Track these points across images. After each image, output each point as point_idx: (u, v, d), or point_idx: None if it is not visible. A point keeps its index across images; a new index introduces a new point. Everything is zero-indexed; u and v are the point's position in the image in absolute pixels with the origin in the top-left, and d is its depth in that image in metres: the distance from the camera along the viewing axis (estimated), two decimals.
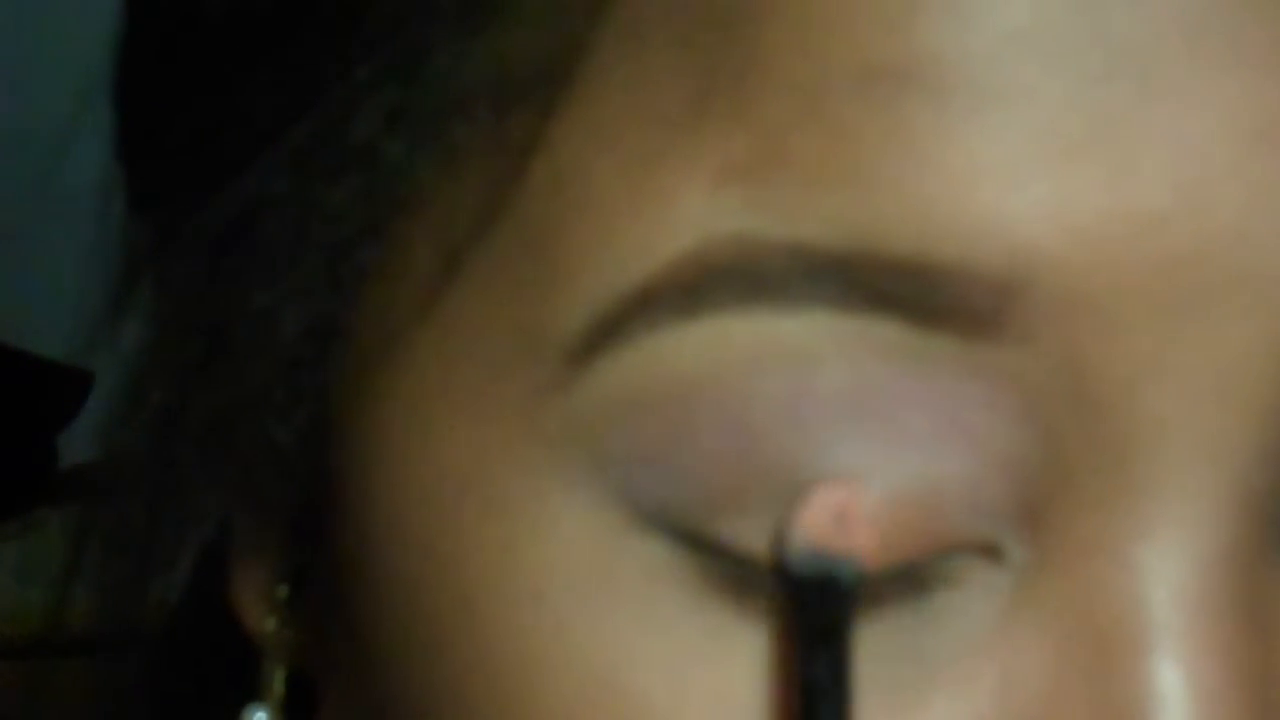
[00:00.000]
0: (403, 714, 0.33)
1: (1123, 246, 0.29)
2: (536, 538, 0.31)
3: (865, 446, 0.30)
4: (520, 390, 0.31)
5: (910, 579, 0.31)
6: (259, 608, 0.38)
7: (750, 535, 0.30)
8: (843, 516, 0.30)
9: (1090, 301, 0.29)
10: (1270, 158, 0.29)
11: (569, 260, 0.31)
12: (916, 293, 0.29)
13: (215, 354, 0.34)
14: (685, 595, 0.31)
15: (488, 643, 0.32)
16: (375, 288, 0.33)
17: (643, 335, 0.30)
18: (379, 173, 0.32)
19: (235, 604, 0.38)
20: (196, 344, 0.35)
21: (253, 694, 0.38)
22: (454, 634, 0.32)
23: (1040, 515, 0.30)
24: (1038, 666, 0.30)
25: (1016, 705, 0.30)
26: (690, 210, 0.29)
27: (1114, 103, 0.29)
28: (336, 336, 0.34)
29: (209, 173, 0.34)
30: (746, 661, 0.31)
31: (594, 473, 0.31)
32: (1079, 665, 0.30)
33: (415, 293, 0.32)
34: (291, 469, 0.35)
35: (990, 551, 0.31)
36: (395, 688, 0.34)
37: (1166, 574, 0.30)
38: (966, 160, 0.29)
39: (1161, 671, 0.30)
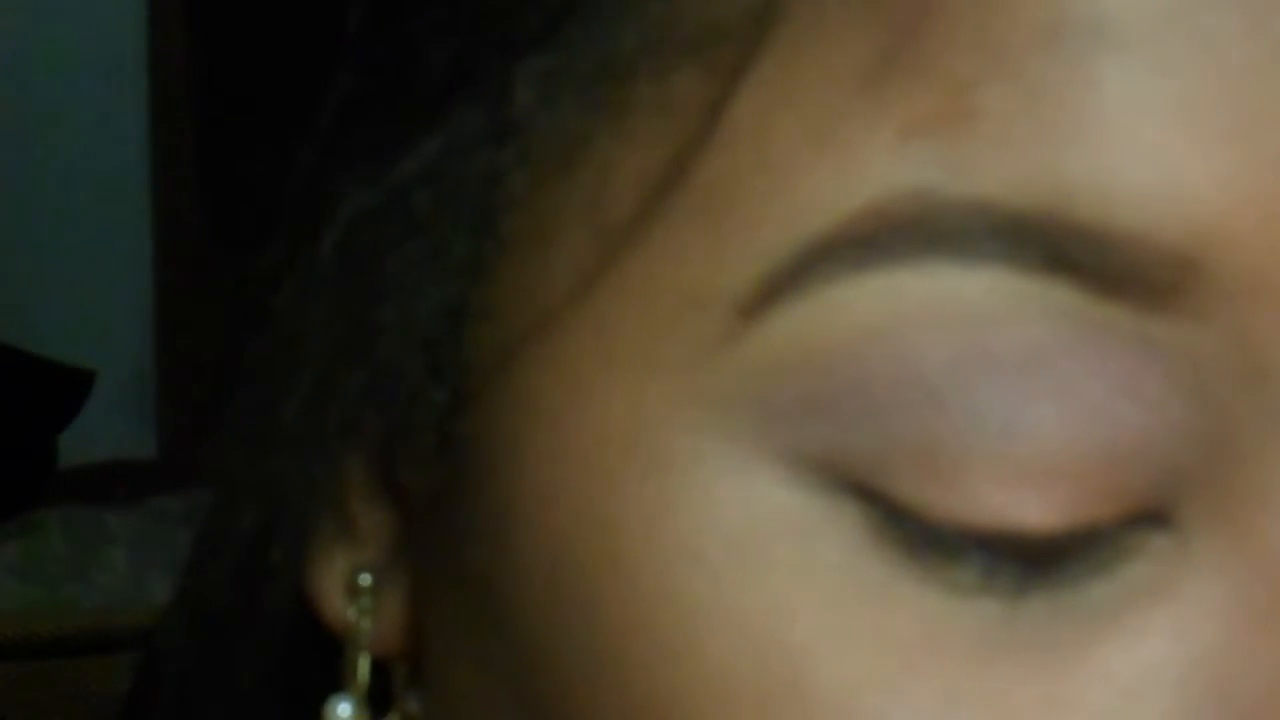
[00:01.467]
0: (548, 685, 0.33)
1: None
2: (694, 497, 0.31)
3: (1037, 409, 0.29)
4: (684, 348, 0.30)
5: (1078, 542, 0.30)
6: (340, 597, 0.38)
7: (917, 490, 0.29)
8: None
9: (1265, 282, 0.28)
10: None
11: (745, 215, 0.30)
12: (1096, 258, 0.28)
13: (357, 337, 0.35)
14: (845, 550, 0.30)
15: (643, 603, 0.31)
16: (521, 260, 0.32)
17: (819, 287, 0.29)
18: (532, 138, 0.31)
19: (313, 594, 0.38)
20: (339, 327, 0.35)
21: (335, 685, 0.38)
22: (609, 596, 0.31)
23: (1208, 477, 0.30)
24: (1213, 616, 0.29)
25: (1196, 650, 0.29)
26: (873, 164, 0.28)
27: None
28: (475, 313, 0.33)
29: (371, 148, 0.34)
30: (908, 615, 0.30)
31: (757, 428, 0.30)
32: (1256, 613, 0.29)
33: (571, 260, 0.32)
34: (423, 450, 0.35)
35: (1156, 515, 0.30)
36: (538, 657, 0.33)
37: None
38: (1155, 125, 0.28)
39: None
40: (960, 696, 0.29)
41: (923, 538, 0.29)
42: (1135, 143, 0.27)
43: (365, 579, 0.37)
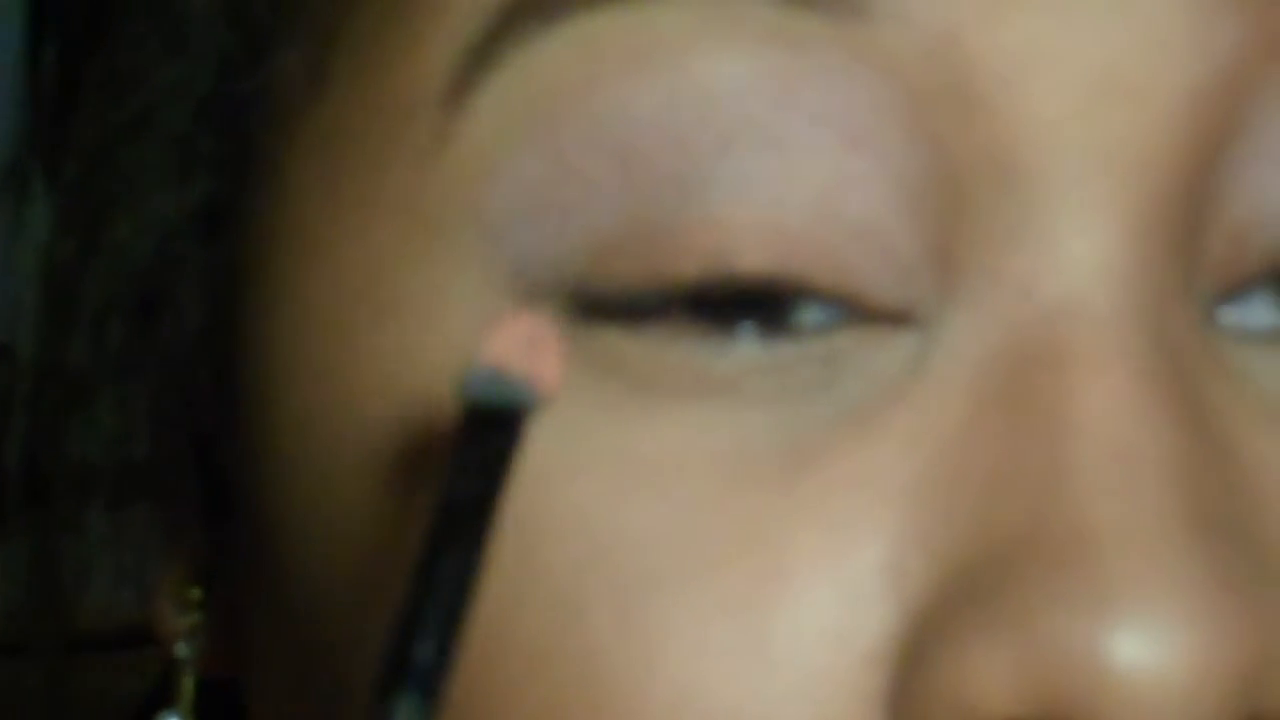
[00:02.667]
0: (313, 605, 0.32)
1: None
2: (426, 340, 0.30)
3: (752, 158, 0.29)
4: (399, 170, 0.30)
5: (819, 324, 0.29)
6: (172, 612, 0.37)
7: (632, 273, 0.29)
8: (533, 342, 0.28)
9: None
10: None
11: (431, 9, 0.30)
12: None
13: (99, 249, 0.33)
14: (576, 368, 0.29)
15: (384, 458, 0.31)
16: (258, 145, 0.32)
17: (512, 55, 0.29)
18: None
19: (154, 618, 0.37)
20: (78, 238, 0.34)
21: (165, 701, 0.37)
22: (355, 459, 0.31)
23: (943, 254, 0.29)
24: (952, 403, 0.29)
25: (934, 444, 0.29)
26: None
27: None
28: (229, 219, 0.32)
29: (86, 37, 0.33)
30: (646, 432, 0.29)
31: (480, 246, 0.30)
32: (993, 392, 0.29)
33: (289, 113, 0.31)
34: (194, 372, 0.34)
35: (900, 315, 0.30)
36: (309, 563, 0.32)
37: (1072, 294, 0.29)
38: None
39: (1079, 383, 0.29)
40: (696, 511, 0.28)
41: (632, 308, 0.29)
42: None
43: (196, 592, 0.36)
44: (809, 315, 0.29)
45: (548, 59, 0.29)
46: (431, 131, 0.29)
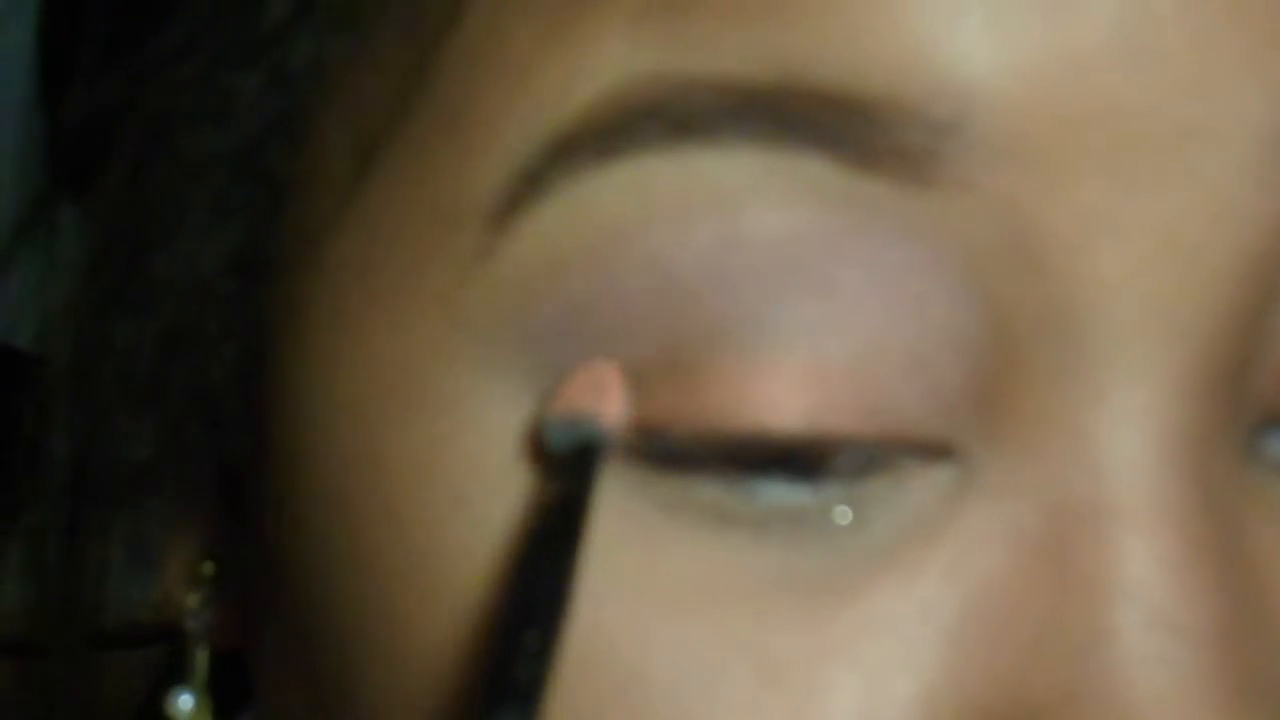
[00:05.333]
0: (331, 646, 0.32)
1: (1063, 88, 0.28)
2: (458, 438, 0.30)
3: (799, 306, 0.28)
4: (441, 274, 0.30)
5: (852, 469, 0.29)
6: (182, 586, 0.37)
7: (668, 404, 0.29)
8: (599, 386, 0.28)
9: (1029, 146, 0.28)
10: (1219, 4, 0.28)
11: (487, 122, 0.29)
12: (845, 128, 0.28)
13: (134, 286, 0.34)
14: (610, 487, 0.29)
15: (410, 548, 0.31)
16: (296, 202, 0.32)
17: (564, 184, 0.29)
18: (289, 64, 0.31)
19: (164, 589, 0.38)
20: (114, 274, 0.34)
21: (178, 676, 0.37)
22: (377, 543, 0.31)
23: (988, 394, 0.29)
24: (991, 548, 0.29)
25: (970, 589, 0.29)
26: (608, 52, 0.28)
27: None
28: (263, 265, 0.33)
29: (122, 71, 0.33)
30: (675, 557, 0.29)
31: (518, 356, 0.30)
32: (1034, 542, 0.29)
33: (333, 194, 0.31)
34: (221, 408, 0.34)
35: (938, 448, 0.29)
36: (322, 618, 0.32)
37: (1122, 446, 0.29)
38: None
39: (1121, 544, 0.29)
40: (724, 648, 0.28)
41: (666, 455, 0.29)
42: (874, 6, 0.27)
43: (208, 567, 0.36)
44: (843, 461, 0.29)
45: (599, 193, 0.29)
46: (477, 245, 0.29)
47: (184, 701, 0.37)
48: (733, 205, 0.28)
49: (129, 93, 0.33)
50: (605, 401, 0.28)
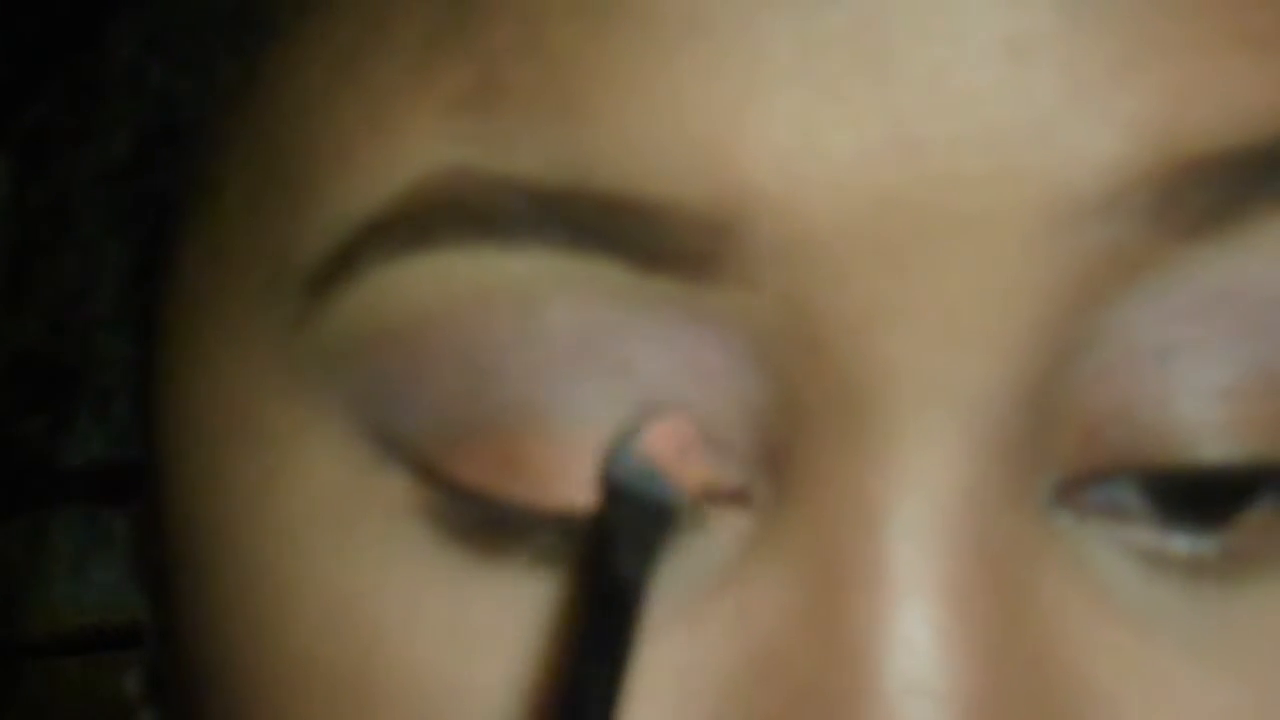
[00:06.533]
0: (179, 654, 0.33)
1: (835, 185, 0.28)
2: (291, 473, 0.31)
3: (596, 388, 0.29)
4: (274, 320, 0.31)
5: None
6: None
7: (480, 474, 0.29)
8: (686, 450, 0.29)
9: (808, 243, 0.28)
10: (989, 90, 0.28)
11: (311, 188, 0.30)
12: (632, 232, 0.28)
13: (25, 286, 0.35)
14: (423, 532, 0.30)
15: (242, 577, 0.31)
16: (166, 220, 0.33)
17: (376, 267, 0.29)
18: (144, 97, 0.32)
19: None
20: (9, 274, 0.35)
21: None
22: (216, 568, 0.32)
23: (780, 455, 0.29)
24: (772, 604, 0.29)
25: (749, 642, 0.29)
26: (419, 141, 0.29)
27: (827, 32, 0.28)
28: (147, 278, 0.33)
29: (21, 81, 0.34)
30: (483, 598, 0.30)
31: (343, 403, 0.30)
32: (810, 598, 0.29)
33: (187, 219, 0.32)
34: (125, 426, 0.35)
35: (738, 496, 0.30)
36: (173, 627, 0.33)
37: (901, 509, 0.29)
38: (676, 92, 0.28)
39: (890, 606, 0.29)
40: (517, 690, 0.29)
41: (491, 521, 0.29)
42: (656, 110, 0.27)
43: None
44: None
45: (407, 280, 0.29)
46: (297, 308, 0.30)
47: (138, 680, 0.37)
48: (530, 302, 0.29)
49: (24, 103, 0.33)
50: (688, 469, 0.29)
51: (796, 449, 0.29)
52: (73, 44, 0.33)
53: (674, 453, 0.29)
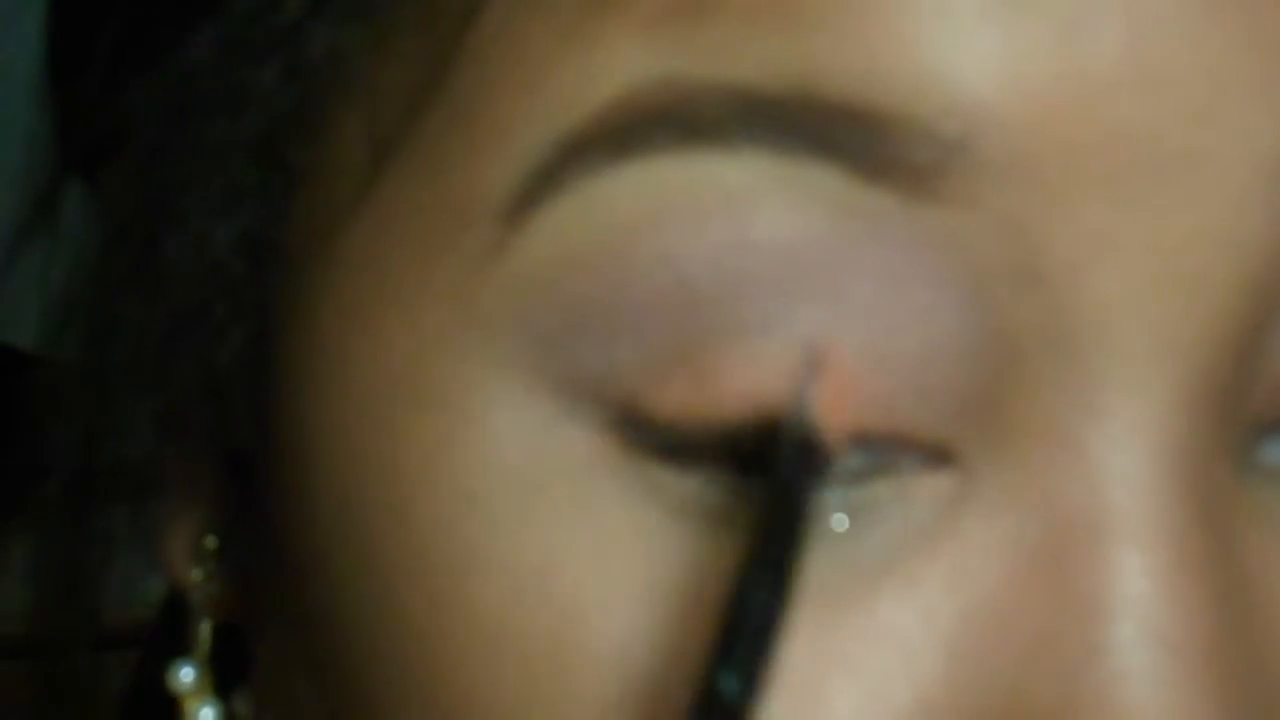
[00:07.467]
0: (335, 633, 0.33)
1: (1070, 111, 0.28)
2: (469, 434, 0.30)
3: (807, 312, 0.29)
4: (454, 268, 0.30)
5: (854, 472, 0.30)
6: (186, 559, 0.37)
7: (682, 401, 0.29)
8: (842, 390, 0.29)
9: (1035, 167, 0.28)
10: (1232, 30, 0.28)
11: (501, 119, 0.30)
12: (856, 140, 0.28)
13: (146, 268, 0.34)
14: (617, 489, 0.30)
15: (418, 547, 0.31)
16: (309, 191, 0.32)
17: (577, 183, 0.29)
18: (306, 55, 0.31)
19: (165, 558, 0.37)
20: (127, 257, 0.34)
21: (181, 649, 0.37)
22: (385, 540, 0.31)
23: (990, 405, 0.29)
24: (990, 559, 0.29)
25: (969, 599, 0.29)
26: (621, 54, 0.29)
27: None
28: (273, 250, 0.33)
29: (140, 59, 0.33)
30: (682, 567, 0.30)
31: (529, 351, 0.30)
32: (1032, 554, 0.29)
33: (347, 186, 0.32)
34: (228, 394, 0.34)
35: (939, 453, 0.30)
36: (328, 608, 0.33)
37: (1120, 461, 0.29)
38: (911, 6, 0.28)
39: (1118, 559, 0.29)
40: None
41: (690, 464, 0.29)
42: (889, 23, 0.27)
43: (211, 541, 0.36)
44: (845, 464, 0.29)
45: (611, 192, 0.29)
46: (488, 241, 0.29)
47: (185, 674, 0.37)
48: (743, 209, 0.28)
49: (145, 81, 0.33)
50: (841, 417, 0.28)
51: (1008, 398, 0.29)
52: (228, 2, 0.32)
53: (831, 395, 0.28)
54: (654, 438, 0.29)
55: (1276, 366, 0.30)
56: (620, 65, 0.28)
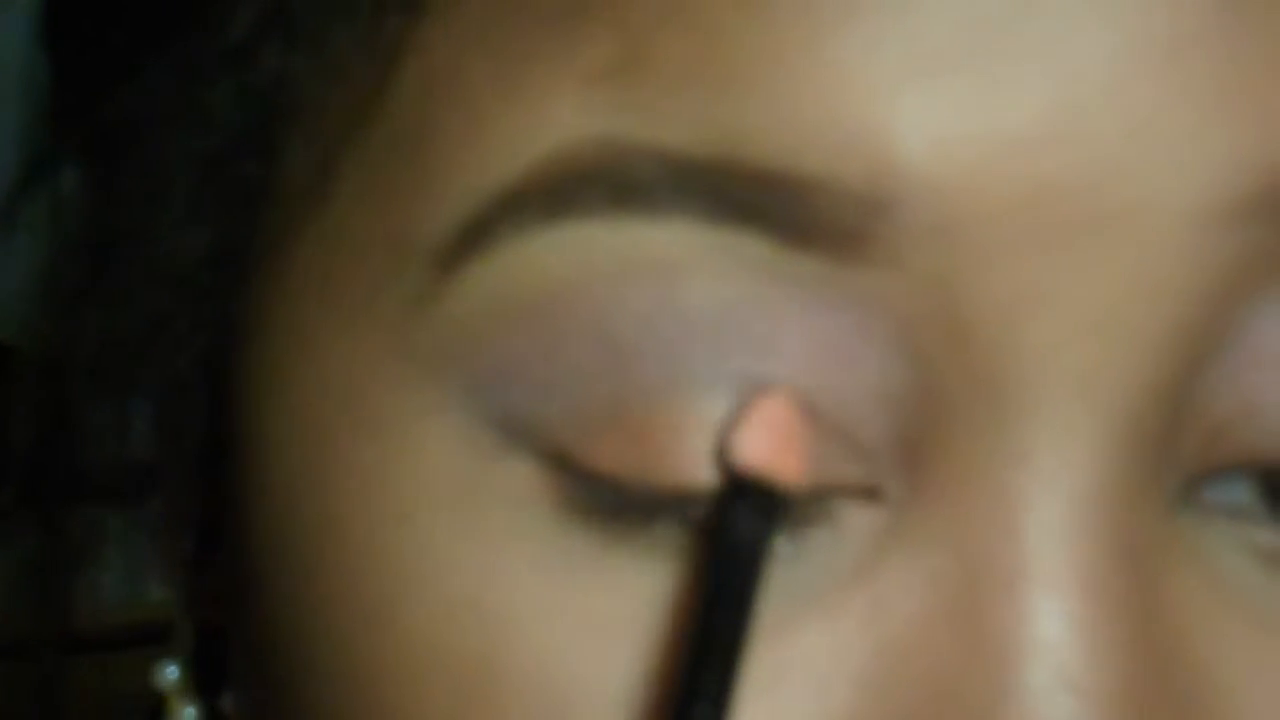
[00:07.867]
0: (276, 646, 0.33)
1: (995, 170, 0.28)
2: (406, 459, 0.30)
3: (735, 365, 0.29)
4: (394, 303, 0.30)
5: (792, 517, 0.30)
6: (173, 561, 0.38)
7: (611, 456, 0.29)
8: (790, 438, 0.29)
9: (961, 226, 0.28)
10: (1151, 83, 0.28)
11: (439, 162, 0.30)
12: (782, 206, 0.28)
13: (109, 276, 0.34)
14: (551, 519, 0.30)
15: (352, 565, 0.31)
16: (265, 208, 0.32)
17: (510, 239, 0.29)
18: (255, 76, 0.31)
19: (160, 559, 0.38)
20: (87, 264, 0.34)
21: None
22: (322, 558, 0.31)
23: (918, 450, 0.29)
24: (908, 597, 0.29)
25: (885, 635, 0.29)
26: (558, 111, 0.29)
27: (990, 15, 0.28)
28: (234, 264, 0.33)
29: (102, 74, 0.34)
30: (610, 591, 0.30)
31: (465, 390, 0.30)
32: (951, 595, 0.29)
33: (298, 204, 0.32)
34: (194, 402, 0.34)
35: (869, 492, 0.30)
36: (269, 619, 0.33)
37: (1041, 506, 0.29)
38: (835, 71, 0.28)
39: (1032, 603, 0.29)
40: (643, 681, 0.29)
41: (623, 506, 0.29)
42: (815, 87, 0.27)
43: (191, 544, 0.36)
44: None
45: (543, 251, 0.29)
46: (424, 281, 0.30)
47: (170, 673, 0.37)
48: (672, 276, 0.28)
49: (113, 93, 0.33)
50: (788, 458, 0.28)
51: (934, 442, 0.29)
52: (180, 25, 0.32)
53: (780, 443, 0.28)
54: (590, 490, 0.29)
55: (1213, 410, 0.30)
56: (558, 120, 0.28)
